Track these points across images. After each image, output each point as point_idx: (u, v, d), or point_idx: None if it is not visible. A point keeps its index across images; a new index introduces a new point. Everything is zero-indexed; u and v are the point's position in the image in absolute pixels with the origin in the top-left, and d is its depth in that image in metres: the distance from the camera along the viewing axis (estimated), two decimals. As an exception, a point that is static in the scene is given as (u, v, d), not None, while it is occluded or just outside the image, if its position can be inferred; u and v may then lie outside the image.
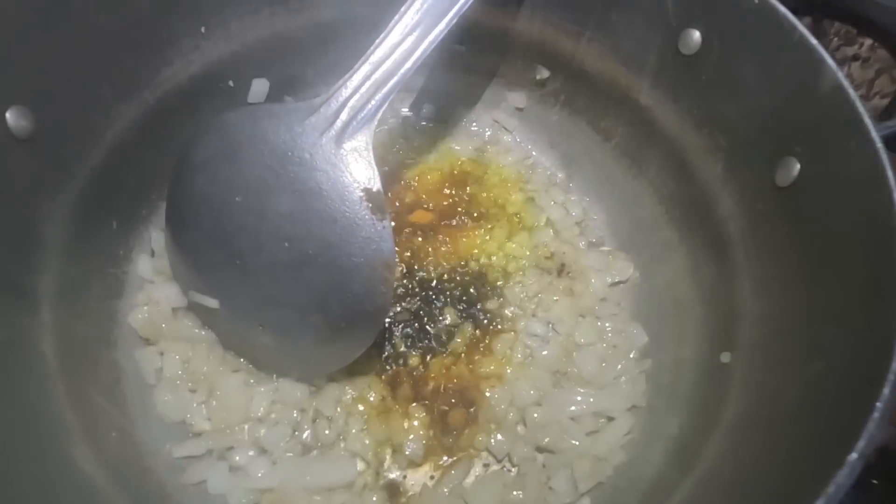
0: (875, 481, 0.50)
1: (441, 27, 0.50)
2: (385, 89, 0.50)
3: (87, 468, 0.44)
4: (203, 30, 0.58)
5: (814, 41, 0.45)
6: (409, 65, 0.50)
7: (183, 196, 0.54)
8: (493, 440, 0.56)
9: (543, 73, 0.69)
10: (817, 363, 0.41)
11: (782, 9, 0.47)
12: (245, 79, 0.64)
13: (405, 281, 0.63)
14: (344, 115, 0.50)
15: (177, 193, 0.54)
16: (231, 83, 0.63)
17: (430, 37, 0.50)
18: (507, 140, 0.73)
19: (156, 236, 0.61)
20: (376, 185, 0.49)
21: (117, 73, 0.53)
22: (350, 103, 0.50)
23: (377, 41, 0.50)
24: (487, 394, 0.57)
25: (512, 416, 0.57)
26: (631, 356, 0.60)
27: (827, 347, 0.41)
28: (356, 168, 0.49)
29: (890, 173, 0.40)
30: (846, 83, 0.43)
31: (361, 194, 0.49)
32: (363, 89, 0.50)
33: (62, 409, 0.45)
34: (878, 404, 0.32)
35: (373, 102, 0.50)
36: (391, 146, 0.72)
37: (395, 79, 0.50)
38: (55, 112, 0.48)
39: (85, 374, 0.51)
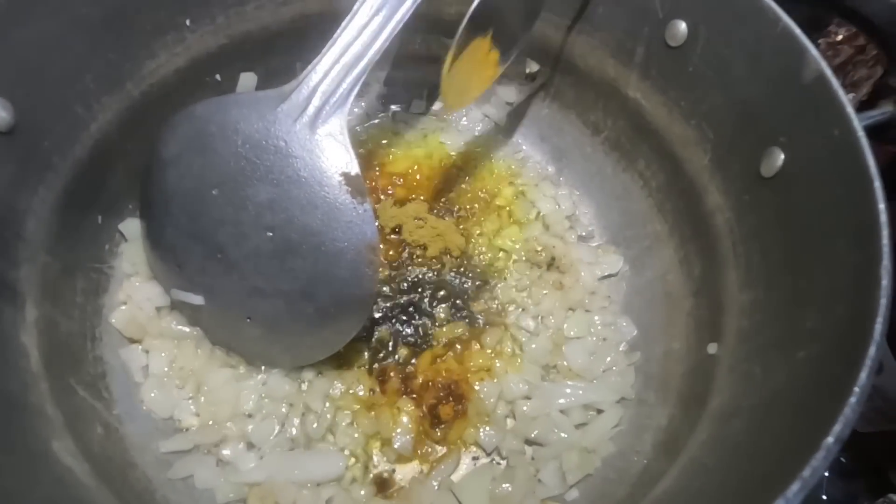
0: (856, 470, 0.50)
1: (407, 6, 0.50)
2: (355, 72, 0.49)
3: (69, 461, 0.43)
4: (188, 22, 0.57)
5: (797, 31, 0.45)
6: (377, 46, 0.50)
7: (157, 194, 0.53)
8: (482, 433, 0.56)
9: (533, 67, 0.69)
10: (800, 351, 0.41)
11: (767, -1, 0.47)
12: (232, 72, 0.63)
13: (394, 275, 0.63)
14: (316, 101, 0.49)
15: (150, 193, 0.54)
16: (218, 77, 0.62)
17: (397, 16, 0.50)
18: (497, 134, 0.73)
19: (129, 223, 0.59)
20: (354, 168, 0.49)
21: (101, 65, 0.52)
22: (321, 88, 0.49)
23: (343, 24, 0.50)
24: (476, 387, 0.57)
25: (501, 409, 0.57)
26: (620, 349, 0.61)
27: (810, 335, 0.41)
28: (333, 153, 0.49)
29: (872, 162, 0.40)
30: (829, 73, 0.43)
31: (340, 179, 0.49)
32: (333, 73, 0.50)
33: (44, 403, 0.45)
34: (856, 389, 0.32)
35: (344, 86, 0.50)
36: (381, 141, 0.72)
37: (364, 61, 0.49)
38: (37, 104, 0.48)
39: (69, 369, 0.50)
